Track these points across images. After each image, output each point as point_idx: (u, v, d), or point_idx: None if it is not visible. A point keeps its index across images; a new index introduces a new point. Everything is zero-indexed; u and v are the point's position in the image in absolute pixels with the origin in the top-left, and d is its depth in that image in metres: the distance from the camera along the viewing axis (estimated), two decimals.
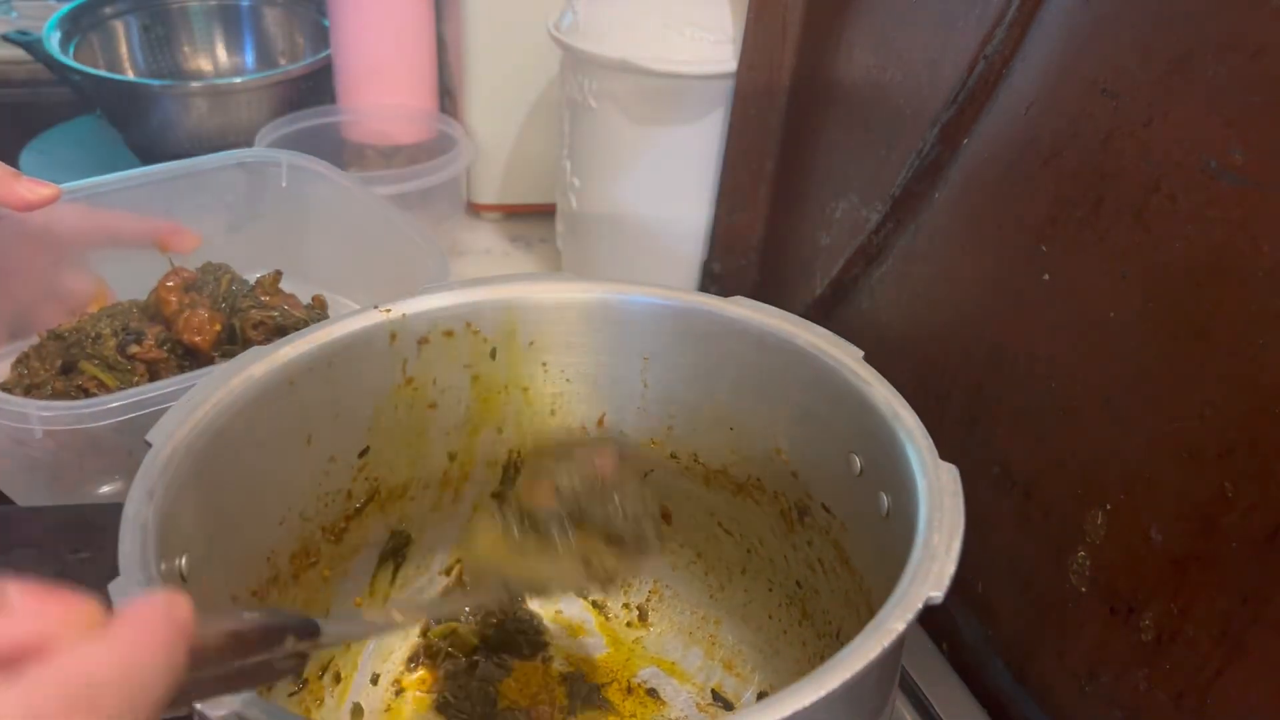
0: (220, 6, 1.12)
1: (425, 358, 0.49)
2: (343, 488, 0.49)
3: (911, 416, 0.40)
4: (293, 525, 0.47)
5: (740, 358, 0.48)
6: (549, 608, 0.56)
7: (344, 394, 0.47)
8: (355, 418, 0.48)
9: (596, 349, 0.51)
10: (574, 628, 0.56)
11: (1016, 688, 0.50)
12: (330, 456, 0.47)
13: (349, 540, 0.50)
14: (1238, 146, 0.36)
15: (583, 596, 0.56)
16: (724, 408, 0.49)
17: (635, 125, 0.73)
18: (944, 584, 0.33)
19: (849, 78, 0.62)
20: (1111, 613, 0.44)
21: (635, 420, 0.52)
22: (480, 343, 0.50)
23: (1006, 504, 0.50)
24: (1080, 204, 0.44)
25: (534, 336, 0.50)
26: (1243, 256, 0.36)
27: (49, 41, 0.98)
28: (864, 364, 0.43)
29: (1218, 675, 0.39)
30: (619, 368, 0.51)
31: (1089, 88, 0.43)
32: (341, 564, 0.50)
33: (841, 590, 0.46)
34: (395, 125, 0.92)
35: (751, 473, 0.50)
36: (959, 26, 0.50)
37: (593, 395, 0.52)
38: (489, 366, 0.50)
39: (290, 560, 0.47)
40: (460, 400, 0.51)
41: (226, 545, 0.42)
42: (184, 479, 0.39)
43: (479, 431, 0.52)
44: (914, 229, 0.56)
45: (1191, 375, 0.39)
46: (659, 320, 0.49)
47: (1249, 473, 0.37)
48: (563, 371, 0.51)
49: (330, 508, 0.48)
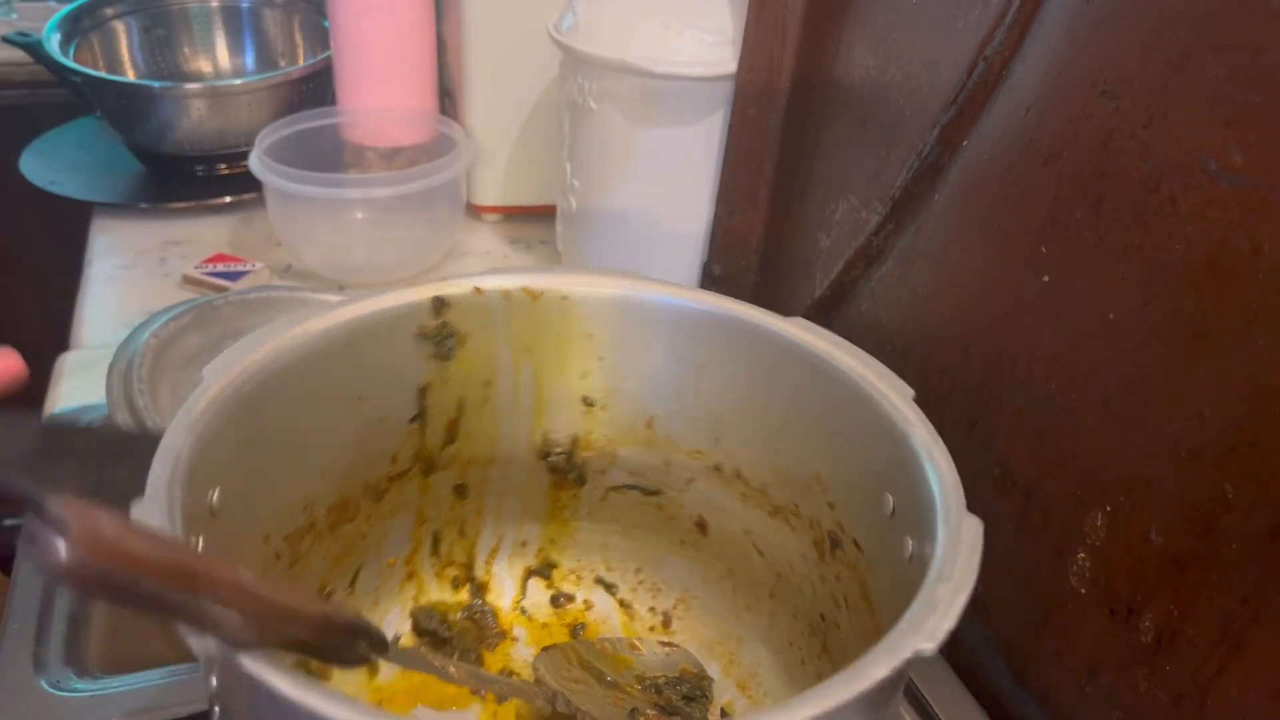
0: (220, 8, 1.12)
1: (484, 337, 0.49)
2: (390, 450, 0.49)
3: (948, 464, 0.39)
4: (334, 479, 0.47)
5: (792, 380, 0.47)
6: (577, 597, 0.56)
7: (400, 361, 0.47)
8: (408, 385, 0.48)
9: (653, 351, 0.50)
10: (596, 624, 0.55)
11: (1016, 688, 0.50)
12: (380, 419, 0.48)
13: (389, 501, 0.50)
14: (1237, 147, 0.36)
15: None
16: (771, 428, 0.48)
17: (635, 126, 0.73)
18: (938, 638, 0.31)
19: (849, 79, 0.62)
20: (1111, 613, 0.44)
21: (682, 427, 0.51)
22: (542, 327, 0.49)
23: (1006, 505, 0.50)
24: (1080, 205, 0.44)
25: (593, 330, 0.50)
26: (1243, 256, 0.36)
27: (49, 43, 0.98)
28: (912, 404, 0.42)
29: (1217, 676, 0.39)
30: (673, 373, 0.50)
31: (1089, 88, 0.43)
32: (380, 523, 0.51)
33: (861, 629, 0.45)
34: (395, 127, 0.92)
35: (790, 497, 0.49)
36: (959, 27, 0.50)
37: (643, 396, 0.51)
38: (547, 353, 0.50)
39: (328, 512, 0.47)
40: (516, 383, 0.51)
41: (264, 489, 0.43)
42: (228, 416, 0.39)
43: (534, 415, 0.52)
44: (914, 230, 0.56)
45: (1191, 375, 0.39)
46: (717, 331, 0.48)
47: (1249, 473, 0.37)
48: (617, 368, 0.51)
49: (375, 467, 0.49)
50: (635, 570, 0.55)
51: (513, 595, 0.56)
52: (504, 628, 0.55)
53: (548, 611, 0.56)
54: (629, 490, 0.53)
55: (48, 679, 0.48)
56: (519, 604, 0.56)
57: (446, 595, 0.55)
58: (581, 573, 0.56)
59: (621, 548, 0.55)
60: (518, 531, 0.56)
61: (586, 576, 0.56)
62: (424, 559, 0.54)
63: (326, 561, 0.48)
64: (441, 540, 0.54)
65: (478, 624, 0.54)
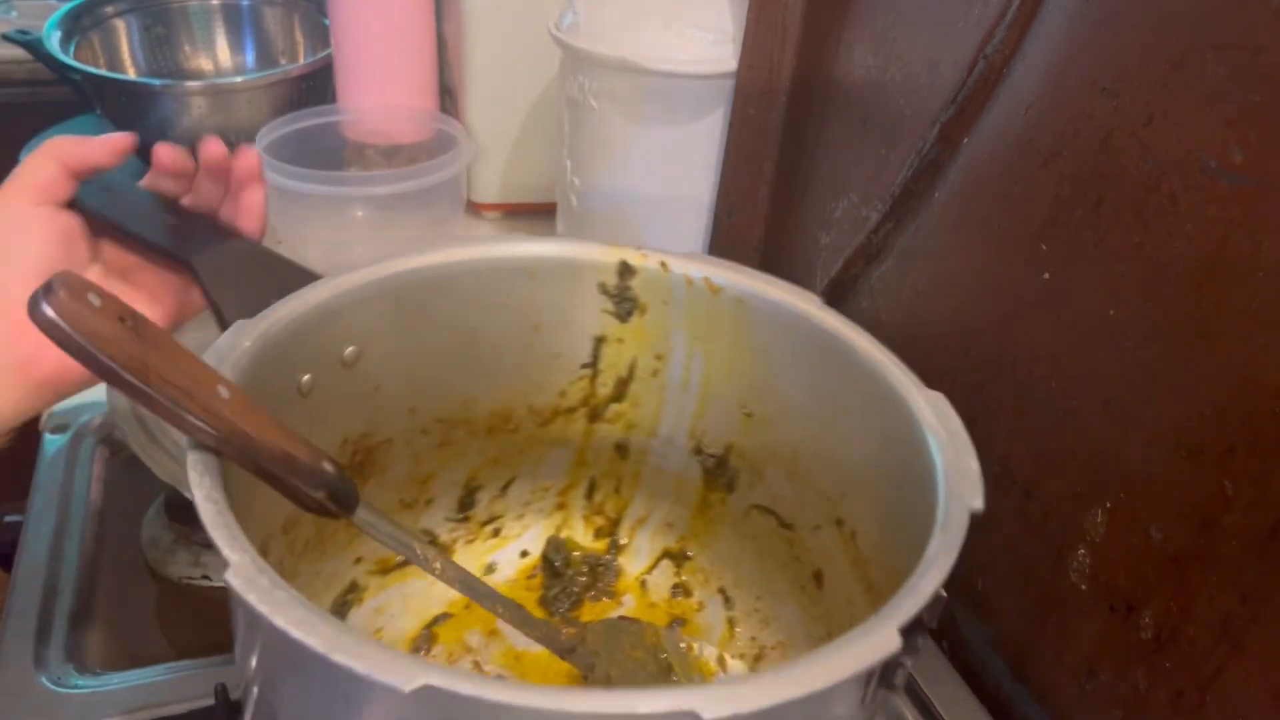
0: (221, 6, 1.12)
1: (662, 313, 0.49)
2: (559, 385, 0.52)
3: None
4: (498, 389, 0.51)
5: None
6: (695, 596, 0.56)
7: (578, 306, 0.49)
8: (584, 331, 0.50)
9: (811, 382, 0.46)
10: (697, 627, 0.54)
11: (1016, 686, 0.51)
12: (554, 354, 0.50)
13: (553, 431, 0.53)
14: (1237, 146, 0.36)
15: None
16: (888, 501, 0.43)
17: (635, 125, 0.73)
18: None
19: (849, 77, 0.62)
20: (1111, 611, 0.44)
21: (819, 470, 0.47)
22: (718, 323, 0.49)
23: (1006, 503, 0.50)
24: (1080, 203, 0.44)
25: (767, 345, 0.48)
26: (1243, 256, 0.36)
27: (49, 41, 0.98)
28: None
29: (1217, 674, 0.39)
30: (819, 412, 0.47)
31: (1089, 87, 0.43)
32: (541, 447, 0.54)
33: None
34: (395, 124, 0.92)
35: (888, 581, 0.44)
36: (959, 26, 0.50)
37: (794, 426, 0.48)
38: (719, 350, 0.49)
39: (489, 415, 0.51)
40: (687, 367, 0.50)
41: (415, 367, 0.47)
42: (392, 293, 0.45)
43: (698, 404, 0.51)
44: (914, 229, 0.57)
45: (1191, 374, 0.39)
46: (863, 382, 0.43)
47: (1248, 472, 0.37)
48: (779, 388, 0.48)
49: (542, 395, 0.52)
50: (756, 597, 0.53)
51: (642, 566, 0.56)
52: (617, 590, 0.55)
53: (664, 595, 0.55)
54: (769, 514, 0.51)
55: (49, 676, 0.48)
56: (642, 577, 0.56)
57: (586, 539, 0.57)
58: (710, 576, 0.55)
59: (753, 571, 0.53)
60: (668, 511, 0.56)
61: (712, 582, 0.55)
62: (578, 499, 0.56)
63: (481, 458, 0.53)
64: (597, 489, 0.56)
65: (595, 575, 0.55)
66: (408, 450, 0.50)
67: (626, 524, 0.57)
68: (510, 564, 0.56)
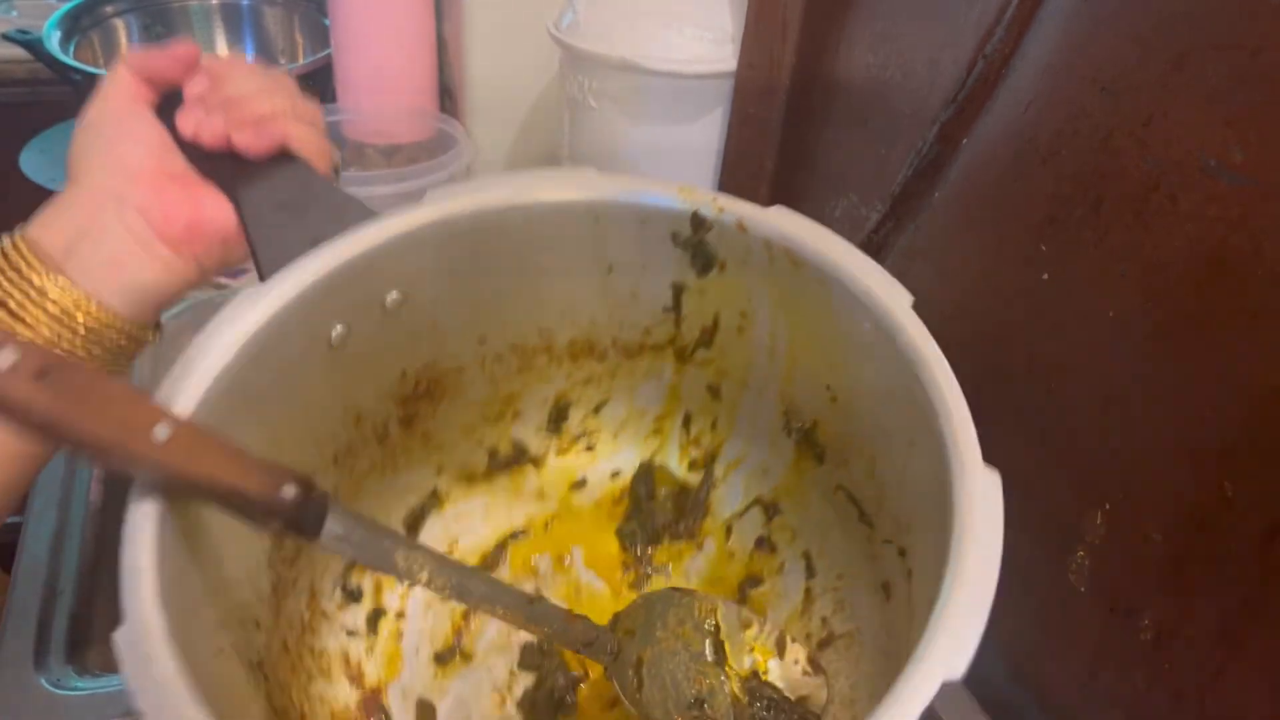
0: (220, 5, 1.12)
1: (744, 273, 0.46)
2: (643, 323, 0.50)
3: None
4: (577, 322, 0.50)
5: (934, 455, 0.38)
6: (779, 554, 0.52)
7: (653, 252, 0.47)
8: (662, 276, 0.48)
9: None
10: (770, 593, 0.51)
11: (1016, 687, 0.50)
12: (632, 292, 0.49)
13: (643, 363, 0.52)
14: (1237, 146, 0.36)
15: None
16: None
17: (635, 124, 0.73)
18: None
19: (849, 77, 0.62)
20: (1111, 612, 0.44)
21: (896, 482, 0.43)
22: (803, 295, 0.44)
23: (1006, 504, 0.50)
24: (1080, 203, 0.44)
25: (852, 329, 0.43)
26: (1243, 256, 0.36)
27: (49, 40, 0.98)
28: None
29: (1217, 675, 0.39)
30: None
31: (1088, 86, 0.43)
32: (632, 377, 0.52)
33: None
34: (395, 124, 0.92)
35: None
36: (959, 25, 0.50)
37: (876, 425, 0.44)
38: (804, 320, 0.45)
39: (569, 345, 0.50)
40: (773, 331, 0.47)
41: (477, 299, 0.46)
42: (446, 231, 0.42)
43: (785, 368, 0.48)
44: (914, 228, 0.56)
45: (1191, 375, 0.39)
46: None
47: (1248, 473, 0.37)
48: (862, 376, 0.44)
49: (626, 331, 0.50)
50: (838, 575, 0.49)
51: (732, 509, 0.53)
52: (701, 531, 0.53)
53: (747, 546, 0.52)
54: (853, 503, 0.47)
55: (48, 677, 0.48)
56: (730, 521, 0.53)
57: (680, 470, 0.54)
58: (798, 536, 0.51)
59: (839, 547, 0.48)
60: (764, 460, 0.52)
61: (798, 544, 0.51)
62: (674, 428, 0.54)
63: (568, 381, 0.52)
64: (693, 421, 0.54)
65: (679, 509, 0.54)
66: (483, 375, 0.49)
67: (722, 462, 0.54)
68: (600, 483, 0.55)
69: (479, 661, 0.49)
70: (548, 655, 0.50)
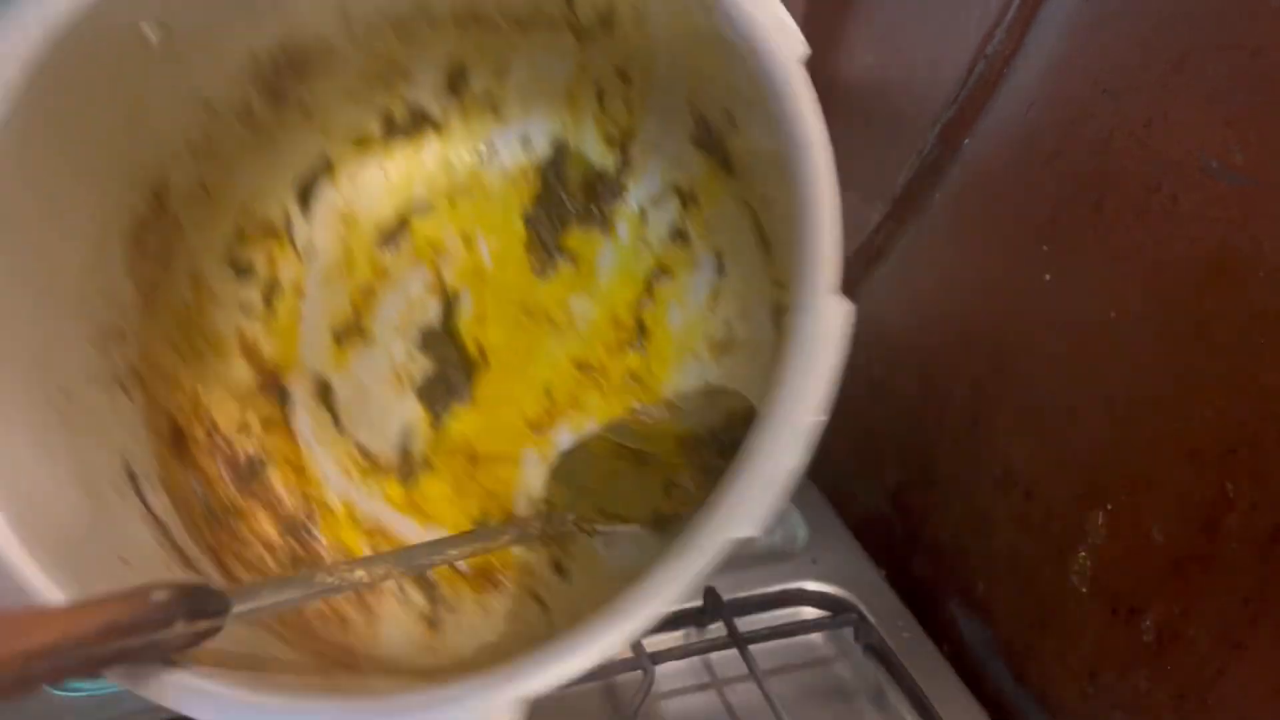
0: None
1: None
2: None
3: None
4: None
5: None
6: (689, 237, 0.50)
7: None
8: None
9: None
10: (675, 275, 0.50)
11: (1017, 688, 0.50)
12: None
13: (538, 35, 0.46)
14: (1238, 146, 0.36)
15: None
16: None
17: None
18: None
19: (849, 77, 0.62)
20: (1112, 613, 0.44)
21: None
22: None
23: (1007, 504, 0.50)
24: (1081, 203, 0.44)
25: None
26: (1243, 256, 0.36)
27: None
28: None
29: (1218, 675, 0.39)
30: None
31: (1090, 87, 0.43)
32: (530, 49, 0.47)
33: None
34: None
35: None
36: (960, 26, 0.50)
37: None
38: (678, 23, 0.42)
39: (451, 12, 0.44)
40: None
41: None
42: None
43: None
44: (915, 229, 0.56)
45: (1192, 375, 0.39)
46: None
47: (1250, 473, 0.37)
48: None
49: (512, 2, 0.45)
50: (744, 281, 0.48)
51: (648, 194, 0.49)
52: (613, 216, 0.50)
53: (661, 236, 0.49)
54: (756, 226, 0.46)
55: None
56: (645, 206, 0.50)
57: (597, 152, 0.50)
58: (712, 231, 0.49)
59: (748, 258, 0.48)
60: (679, 152, 0.48)
61: (712, 240, 0.49)
62: (589, 98, 0.49)
63: (459, 44, 0.46)
64: (607, 98, 0.48)
65: (593, 194, 0.50)
66: (357, 48, 0.44)
67: (639, 143, 0.49)
68: (510, 151, 0.50)
69: (378, 341, 0.48)
70: (445, 342, 0.48)
